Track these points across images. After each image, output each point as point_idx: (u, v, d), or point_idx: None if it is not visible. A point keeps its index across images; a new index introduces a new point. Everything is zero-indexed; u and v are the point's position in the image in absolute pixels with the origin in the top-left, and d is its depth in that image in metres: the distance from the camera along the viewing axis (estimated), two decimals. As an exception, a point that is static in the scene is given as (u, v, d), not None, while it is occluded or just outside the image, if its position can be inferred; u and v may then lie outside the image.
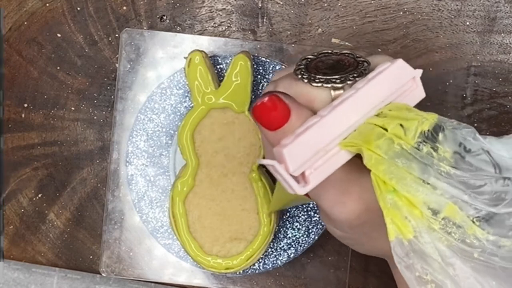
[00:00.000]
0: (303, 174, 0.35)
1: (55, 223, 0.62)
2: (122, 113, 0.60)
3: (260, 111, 0.36)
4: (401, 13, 0.60)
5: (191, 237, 0.57)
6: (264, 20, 0.61)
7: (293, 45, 0.60)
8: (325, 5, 0.60)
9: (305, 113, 0.36)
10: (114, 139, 0.60)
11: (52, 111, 0.62)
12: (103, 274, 0.61)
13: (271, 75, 0.59)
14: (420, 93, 0.37)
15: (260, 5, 0.61)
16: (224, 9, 0.61)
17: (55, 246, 0.62)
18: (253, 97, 0.59)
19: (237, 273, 0.59)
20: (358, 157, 0.36)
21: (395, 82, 0.36)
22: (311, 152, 0.35)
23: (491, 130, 0.60)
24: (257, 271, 0.59)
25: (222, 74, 0.59)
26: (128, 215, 0.61)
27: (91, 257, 0.62)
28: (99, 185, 0.62)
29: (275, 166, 0.34)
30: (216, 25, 0.61)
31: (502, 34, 0.60)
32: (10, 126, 0.62)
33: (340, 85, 0.36)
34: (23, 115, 0.62)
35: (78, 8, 0.61)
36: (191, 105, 0.59)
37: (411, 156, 0.33)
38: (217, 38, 0.60)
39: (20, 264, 0.63)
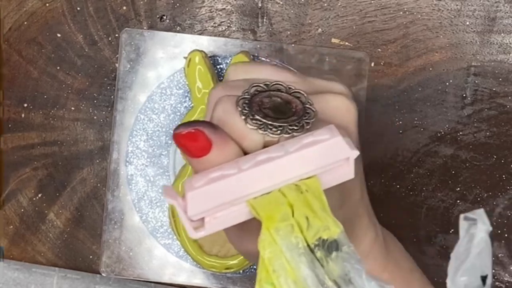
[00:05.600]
0: (202, 218, 0.34)
1: (55, 223, 0.62)
2: (122, 113, 0.60)
3: (180, 139, 0.35)
4: (401, 13, 0.60)
5: (191, 237, 0.57)
6: (264, 20, 0.61)
7: (293, 45, 0.60)
8: (325, 5, 0.60)
9: (230, 150, 0.35)
10: (114, 139, 0.60)
11: (52, 111, 0.62)
12: (103, 274, 0.61)
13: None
14: (349, 174, 0.35)
15: (260, 5, 0.61)
16: (224, 9, 0.61)
17: (55, 246, 0.62)
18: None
19: (237, 273, 0.59)
20: None
21: (328, 158, 0.34)
22: (217, 203, 0.33)
23: (491, 130, 0.60)
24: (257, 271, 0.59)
25: (222, 74, 0.59)
26: (128, 215, 0.61)
27: (91, 257, 0.62)
28: (99, 185, 0.62)
29: (174, 205, 0.33)
30: (216, 25, 0.61)
31: (502, 34, 0.60)
32: (10, 126, 0.62)
33: (276, 136, 0.35)
34: (23, 115, 0.62)
35: (78, 8, 0.61)
36: (191, 105, 0.59)
37: (303, 256, 0.31)
38: (217, 38, 0.60)
39: (20, 264, 0.63)
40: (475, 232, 0.33)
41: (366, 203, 0.42)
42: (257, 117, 0.35)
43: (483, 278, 0.33)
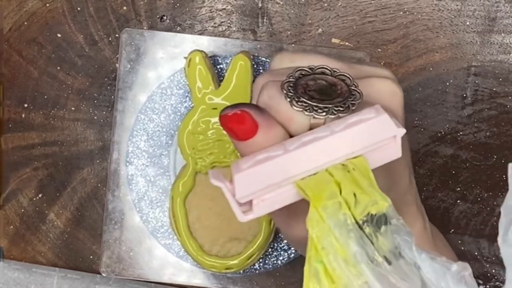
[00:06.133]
0: (250, 201, 0.34)
1: (55, 223, 0.62)
2: (122, 113, 0.60)
3: (227, 121, 0.35)
4: (401, 13, 0.60)
5: (191, 237, 0.57)
6: (264, 20, 0.61)
7: (293, 45, 0.60)
8: (325, 5, 0.60)
9: (276, 133, 0.35)
10: (114, 139, 0.60)
11: (52, 111, 0.62)
12: (103, 274, 0.61)
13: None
14: (396, 153, 0.34)
15: (260, 5, 0.61)
16: (224, 9, 0.61)
17: (55, 246, 0.62)
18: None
19: (237, 273, 0.59)
20: None
21: (374, 136, 0.34)
22: (264, 184, 0.33)
23: (491, 130, 0.60)
24: (257, 271, 0.59)
25: (222, 74, 0.59)
26: (128, 215, 0.61)
27: (91, 257, 0.62)
28: (99, 185, 0.62)
29: (222, 188, 0.33)
30: (216, 25, 0.61)
31: (502, 34, 0.60)
32: (10, 126, 0.62)
33: (321, 117, 0.34)
34: (23, 115, 0.62)
35: (78, 8, 0.61)
36: (191, 105, 0.59)
37: (352, 233, 0.31)
38: (217, 38, 0.60)
39: (20, 264, 0.63)
40: None
41: (415, 192, 0.41)
42: (303, 99, 0.35)
43: None
